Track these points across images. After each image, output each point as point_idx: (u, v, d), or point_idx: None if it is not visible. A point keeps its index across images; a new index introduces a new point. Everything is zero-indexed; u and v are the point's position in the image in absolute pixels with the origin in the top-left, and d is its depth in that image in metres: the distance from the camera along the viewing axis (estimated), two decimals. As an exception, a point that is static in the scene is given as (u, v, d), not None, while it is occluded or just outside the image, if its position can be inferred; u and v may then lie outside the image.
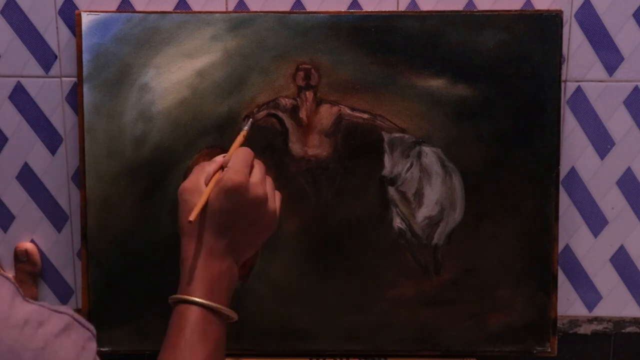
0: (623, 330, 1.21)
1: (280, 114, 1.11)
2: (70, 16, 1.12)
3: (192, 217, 0.90)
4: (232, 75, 1.11)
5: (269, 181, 0.98)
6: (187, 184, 0.95)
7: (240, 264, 0.96)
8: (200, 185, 0.93)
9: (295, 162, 1.12)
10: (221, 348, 0.91)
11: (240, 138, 1.03)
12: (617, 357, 1.22)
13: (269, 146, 1.11)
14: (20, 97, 1.14)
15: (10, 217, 1.18)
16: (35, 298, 1.17)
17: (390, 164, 1.12)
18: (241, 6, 1.13)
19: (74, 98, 1.15)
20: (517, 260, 1.13)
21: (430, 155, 1.12)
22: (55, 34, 1.13)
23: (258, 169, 0.96)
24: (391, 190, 1.13)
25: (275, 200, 0.97)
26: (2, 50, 1.13)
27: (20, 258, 1.17)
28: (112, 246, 1.13)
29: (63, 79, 1.15)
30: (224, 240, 0.92)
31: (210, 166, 0.96)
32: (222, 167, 0.96)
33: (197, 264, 0.91)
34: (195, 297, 0.90)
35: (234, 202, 0.92)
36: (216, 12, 1.11)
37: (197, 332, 0.89)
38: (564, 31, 1.12)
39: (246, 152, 0.97)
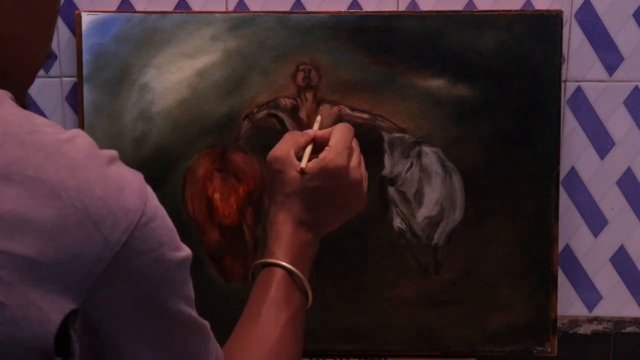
0: (623, 330, 1.21)
1: (280, 114, 1.11)
2: (70, 16, 1.12)
3: (303, 164, 0.93)
4: (232, 75, 1.11)
5: (362, 161, 0.99)
6: (277, 152, 0.95)
7: (320, 237, 0.97)
8: (291, 156, 0.95)
9: (295, 162, 1.11)
10: (303, 316, 0.92)
11: (317, 120, 1.03)
12: (617, 357, 1.22)
13: (269, 146, 1.11)
14: (20, 97, 1.14)
15: (10, 217, 1.17)
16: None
17: (390, 164, 1.12)
18: (241, 6, 1.13)
19: (74, 98, 1.15)
20: (517, 260, 1.13)
21: (430, 155, 1.12)
22: (56, 34, 1.12)
23: (356, 149, 0.98)
24: (391, 190, 1.13)
25: (366, 182, 0.99)
26: (2, 50, 1.13)
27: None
28: (112, 246, 1.13)
29: (63, 79, 1.15)
30: (314, 215, 0.94)
31: (302, 138, 0.97)
32: (313, 141, 0.97)
33: (285, 230, 0.93)
34: (283, 261, 0.92)
35: (331, 184, 0.93)
36: (216, 12, 1.11)
37: (282, 292, 0.90)
38: (564, 31, 1.12)
39: (347, 131, 0.97)
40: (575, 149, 1.16)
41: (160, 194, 1.11)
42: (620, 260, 1.19)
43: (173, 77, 1.11)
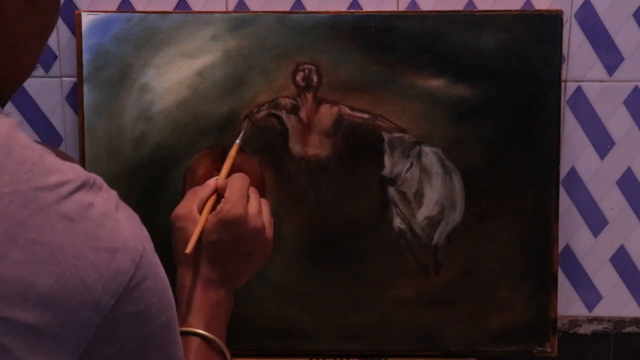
0: (623, 330, 1.21)
1: (280, 113, 1.11)
2: (70, 16, 1.12)
3: (188, 250, 0.89)
4: (232, 75, 1.11)
5: (264, 204, 0.98)
6: (179, 210, 0.95)
7: (234, 291, 0.96)
8: (194, 212, 0.93)
9: (295, 162, 1.12)
10: None
11: (232, 153, 1.04)
12: (617, 357, 1.22)
13: (269, 146, 1.11)
14: (20, 97, 1.14)
15: (10, 217, 1.17)
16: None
17: (390, 164, 1.12)
18: (241, 6, 1.13)
19: (74, 98, 1.15)
20: (517, 260, 1.13)
21: (430, 155, 1.12)
22: (55, 34, 1.13)
23: (254, 197, 0.96)
24: (391, 190, 1.13)
25: (271, 228, 0.97)
26: (2, 50, 1.13)
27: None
28: (112, 246, 1.13)
29: (63, 79, 1.15)
30: (220, 270, 0.93)
31: (203, 191, 0.97)
32: (215, 192, 0.96)
33: (194, 294, 0.92)
34: (196, 328, 0.90)
35: (231, 235, 0.92)
36: (216, 12, 1.11)
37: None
38: (564, 31, 1.12)
39: (242, 180, 0.97)
40: (575, 149, 1.16)
41: (161, 194, 1.13)
42: (620, 260, 1.19)
43: (173, 77, 1.11)
